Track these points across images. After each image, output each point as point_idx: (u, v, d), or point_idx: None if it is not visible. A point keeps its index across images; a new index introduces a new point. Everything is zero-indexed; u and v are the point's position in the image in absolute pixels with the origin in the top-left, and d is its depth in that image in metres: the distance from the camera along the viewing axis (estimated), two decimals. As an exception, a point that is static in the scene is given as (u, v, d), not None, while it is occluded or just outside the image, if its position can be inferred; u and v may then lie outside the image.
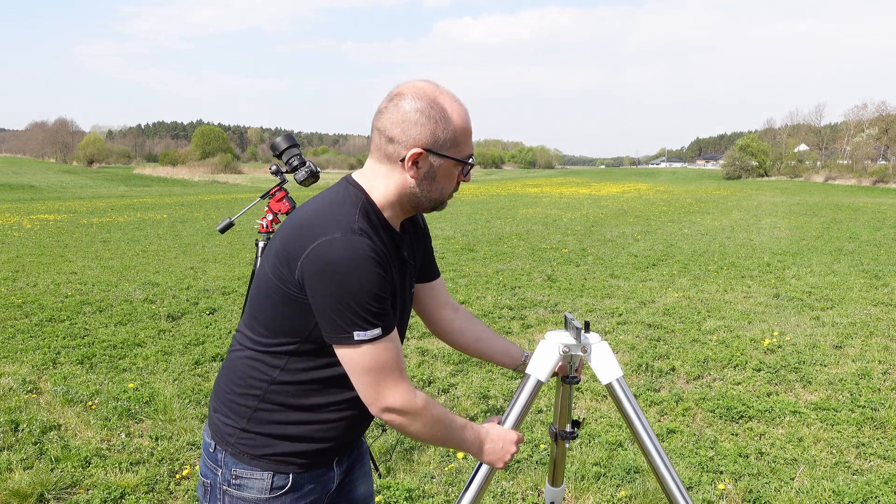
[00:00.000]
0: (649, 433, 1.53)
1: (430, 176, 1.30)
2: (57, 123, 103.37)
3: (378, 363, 1.24)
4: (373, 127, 1.31)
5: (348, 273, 1.19)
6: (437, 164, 1.29)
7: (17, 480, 2.99)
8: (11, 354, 4.95)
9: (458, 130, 1.28)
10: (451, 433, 1.36)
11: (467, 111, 1.31)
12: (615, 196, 29.31)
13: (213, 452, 1.39)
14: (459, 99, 1.31)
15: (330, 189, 1.35)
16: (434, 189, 1.32)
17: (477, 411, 3.94)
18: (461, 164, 1.32)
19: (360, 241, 1.21)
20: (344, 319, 1.21)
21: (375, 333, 1.22)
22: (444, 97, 1.28)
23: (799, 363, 4.80)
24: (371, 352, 1.23)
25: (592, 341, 1.55)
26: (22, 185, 38.80)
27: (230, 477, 1.37)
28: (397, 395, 1.27)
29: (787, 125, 77.95)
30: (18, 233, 13.40)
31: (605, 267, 9.12)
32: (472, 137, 1.34)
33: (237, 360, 1.38)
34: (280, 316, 1.29)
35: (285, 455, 1.36)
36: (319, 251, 1.20)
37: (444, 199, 1.36)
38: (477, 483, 1.51)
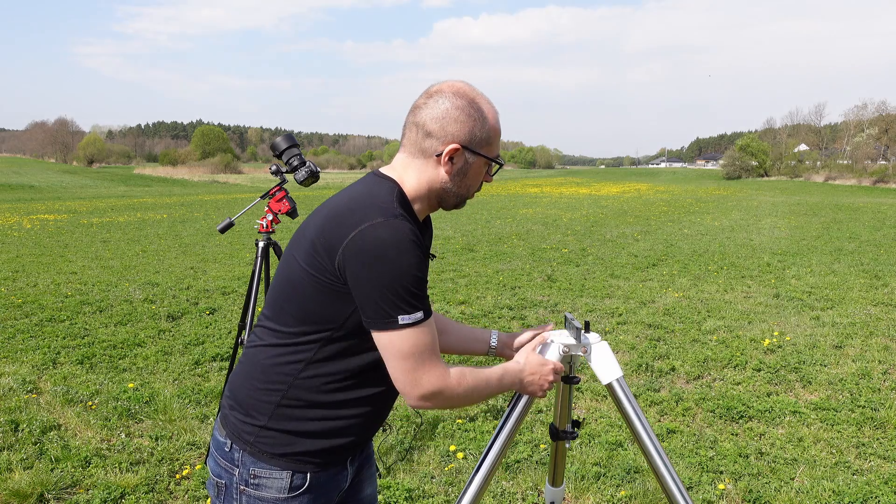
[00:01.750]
0: (649, 433, 1.53)
1: (462, 172, 1.35)
2: (57, 123, 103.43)
3: (419, 347, 1.26)
4: (408, 122, 1.34)
5: (394, 257, 1.21)
6: (471, 161, 1.34)
7: (17, 480, 2.99)
8: (11, 354, 4.95)
9: (492, 130, 1.34)
10: (489, 390, 1.39)
11: (498, 113, 1.37)
12: (615, 196, 29.31)
13: (228, 451, 1.38)
14: (492, 101, 1.36)
15: (358, 182, 1.37)
16: (463, 185, 1.37)
17: (477, 411, 3.94)
18: (490, 163, 1.37)
19: (403, 224, 1.23)
20: (389, 304, 1.22)
21: (419, 317, 1.24)
22: (480, 98, 1.33)
23: (799, 363, 4.80)
24: (413, 336, 1.24)
25: (592, 341, 1.55)
26: (22, 185, 38.80)
27: (248, 476, 1.36)
28: (434, 379, 1.28)
29: (787, 125, 77.98)
30: (18, 233, 13.40)
31: (605, 267, 9.12)
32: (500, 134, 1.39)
33: (259, 355, 1.38)
34: (314, 306, 1.29)
35: (304, 454, 1.36)
36: (364, 236, 1.21)
37: (469, 196, 1.40)
38: (477, 483, 1.51)
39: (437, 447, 3.44)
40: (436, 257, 1.45)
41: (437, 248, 10.87)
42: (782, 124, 79.41)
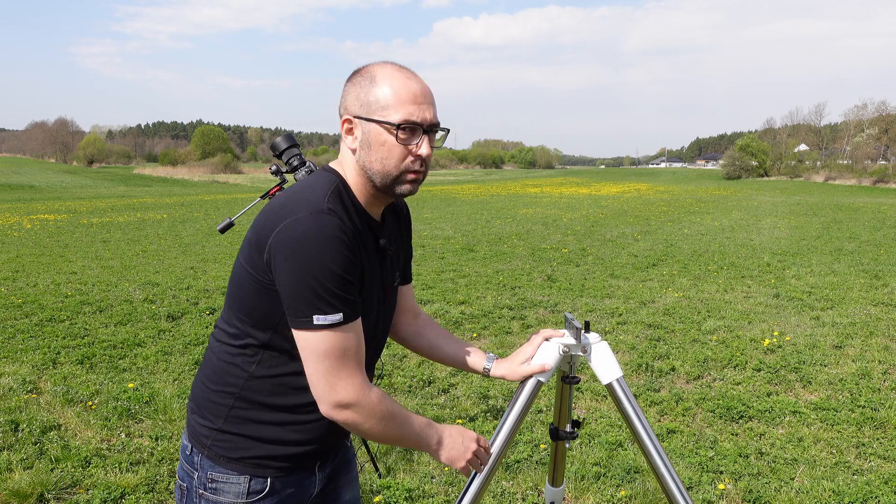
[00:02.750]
0: (649, 433, 1.53)
1: (365, 144, 1.25)
2: (57, 123, 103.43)
3: (335, 351, 1.19)
4: None
5: (313, 252, 1.15)
6: (368, 130, 1.24)
7: (17, 480, 2.99)
8: (11, 354, 4.95)
9: (385, 92, 1.23)
10: (408, 430, 1.30)
11: (410, 76, 1.25)
12: (615, 196, 29.32)
13: (189, 455, 1.36)
14: (407, 69, 1.26)
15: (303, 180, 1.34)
16: (374, 159, 1.25)
17: (477, 411, 3.94)
18: (394, 130, 1.22)
19: (328, 219, 1.18)
20: (305, 301, 1.16)
21: (336, 319, 1.17)
22: (382, 68, 1.26)
23: (799, 363, 4.80)
24: (329, 338, 1.18)
25: (592, 341, 1.55)
26: (22, 185, 38.81)
27: (206, 480, 1.33)
28: (350, 388, 1.21)
29: (787, 125, 77.93)
30: (18, 233, 13.40)
31: (605, 267, 9.12)
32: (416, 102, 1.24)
33: (213, 356, 1.35)
34: (253, 306, 1.26)
35: (263, 458, 1.31)
36: (286, 230, 1.17)
37: (390, 171, 1.25)
38: (477, 483, 1.51)
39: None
40: (390, 252, 1.39)
41: (437, 248, 10.88)
42: (782, 124, 79.44)
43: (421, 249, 10.85)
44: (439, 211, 19.69)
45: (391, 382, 4.40)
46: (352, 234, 1.21)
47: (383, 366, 4.71)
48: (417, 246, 11.24)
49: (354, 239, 1.21)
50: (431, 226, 14.93)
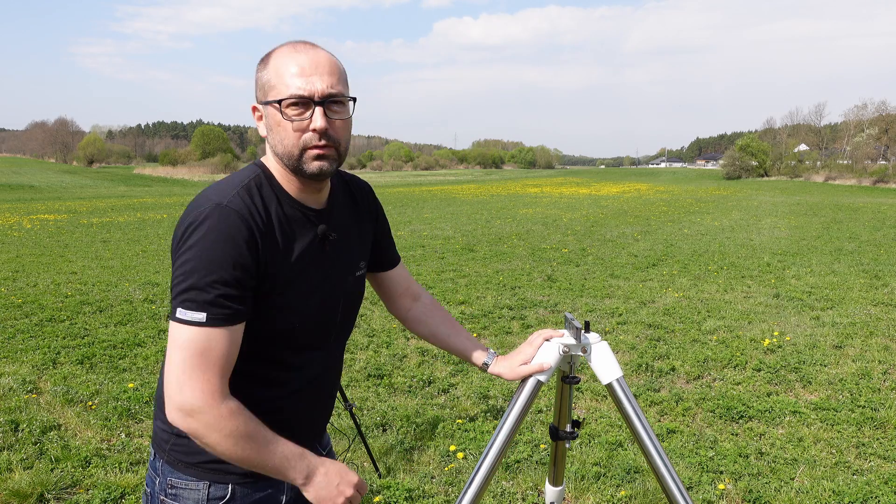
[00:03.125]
0: (649, 433, 1.53)
1: (269, 128, 1.22)
2: (57, 123, 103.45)
3: (193, 349, 1.11)
4: None
5: (196, 244, 1.12)
6: (267, 114, 1.21)
7: (17, 480, 2.99)
8: (11, 354, 4.95)
9: (271, 71, 1.19)
10: (266, 456, 1.16)
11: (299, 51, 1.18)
12: (615, 196, 29.32)
13: (153, 460, 1.33)
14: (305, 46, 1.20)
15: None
16: (276, 142, 1.21)
17: (477, 411, 3.94)
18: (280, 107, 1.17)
19: (225, 213, 1.14)
20: (176, 292, 1.12)
21: (196, 318, 1.11)
22: (277, 49, 1.21)
23: (799, 363, 4.80)
24: (188, 333, 1.11)
25: (592, 341, 1.55)
26: (22, 185, 38.82)
27: (166, 486, 1.28)
28: (197, 393, 1.11)
29: (787, 125, 77.93)
30: (18, 233, 13.40)
31: (605, 267, 9.12)
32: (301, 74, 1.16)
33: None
34: None
35: (222, 463, 1.22)
36: (185, 220, 1.15)
37: (291, 151, 1.19)
38: (477, 483, 1.51)
39: (437, 447, 3.44)
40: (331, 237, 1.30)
41: (437, 248, 10.88)
42: (782, 124, 79.43)
43: (421, 249, 10.85)
44: (439, 211, 19.69)
45: (391, 382, 4.40)
46: (256, 231, 1.16)
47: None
48: (417, 246, 11.24)
49: (258, 236, 1.16)
50: (431, 226, 14.93)
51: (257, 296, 1.19)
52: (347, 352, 5.07)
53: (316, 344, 1.33)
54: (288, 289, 1.23)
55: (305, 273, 1.26)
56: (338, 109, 1.20)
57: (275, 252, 1.20)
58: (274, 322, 1.23)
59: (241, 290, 1.14)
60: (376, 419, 3.78)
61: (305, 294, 1.26)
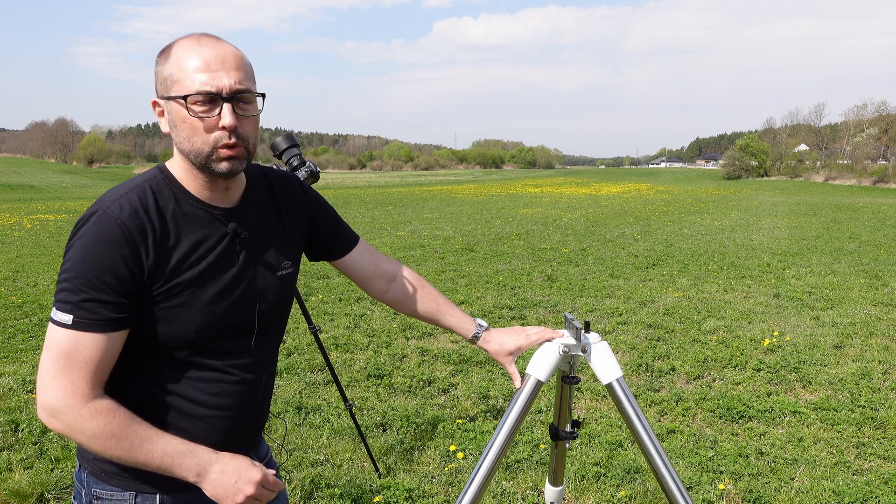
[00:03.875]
0: (649, 433, 1.53)
1: (172, 125, 1.16)
2: (57, 123, 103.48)
3: (60, 350, 1.10)
4: None
5: (76, 248, 1.11)
6: (170, 110, 1.15)
7: (17, 480, 2.99)
8: (11, 354, 4.95)
9: (176, 66, 1.12)
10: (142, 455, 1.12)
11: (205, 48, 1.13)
12: (615, 196, 29.32)
13: (78, 472, 1.28)
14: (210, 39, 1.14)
15: None
16: (181, 139, 1.15)
17: (477, 411, 3.94)
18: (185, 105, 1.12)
19: (105, 218, 1.11)
20: (56, 292, 1.12)
21: (64, 319, 1.09)
22: (179, 41, 1.15)
23: (799, 363, 4.80)
24: (58, 334, 1.10)
25: (592, 341, 1.55)
26: (22, 185, 38.82)
27: (91, 497, 1.24)
28: (59, 394, 1.09)
29: (787, 125, 77.94)
30: (18, 233, 13.40)
31: (605, 267, 9.12)
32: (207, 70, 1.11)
33: None
34: None
35: (147, 472, 1.17)
36: (75, 226, 1.15)
37: (200, 149, 1.14)
38: (477, 483, 1.51)
39: (437, 447, 3.44)
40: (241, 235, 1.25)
41: (437, 248, 10.88)
42: (782, 124, 79.44)
43: (421, 249, 10.85)
44: (439, 211, 19.68)
45: (391, 382, 4.40)
46: (140, 236, 1.12)
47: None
48: (417, 246, 11.24)
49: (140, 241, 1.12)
50: (431, 226, 14.93)
51: (147, 300, 1.15)
52: (347, 352, 5.07)
53: (233, 348, 1.26)
54: (186, 291, 1.17)
55: (209, 274, 1.20)
56: (245, 106, 1.16)
57: (167, 255, 1.15)
58: (174, 326, 1.17)
59: (114, 297, 1.10)
60: (376, 419, 3.78)
61: (210, 296, 1.20)
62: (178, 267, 1.16)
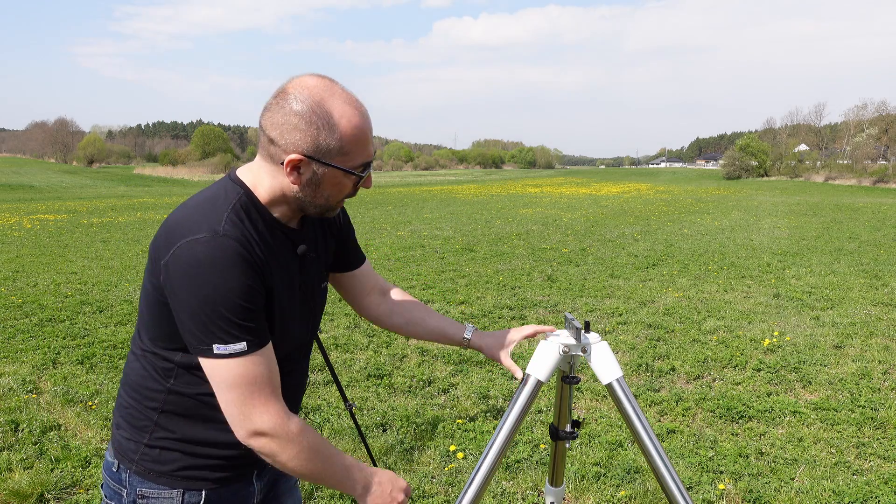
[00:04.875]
0: (649, 433, 1.53)
1: (313, 183, 1.19)
2: (57, 123, 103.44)
3: (244, 380, 1.13)
4: (259, 123, 1.21)
5: (208, 279, 1.09)
6: (322, 172, 1.18)
7: (17, 480, 2.99)
8: (11, 354, 4.95)
9: (345, 138, 1.16)
10: (331, 467, 1.22)
11: (363, 115, 1.19)
12: (615, 196, 29.31)
13: (116, 472, 1.30)
14: (356, 101, 1.19)
15: (209, 186, 1.25)
16: (319, 196, 1.21)
17: (477, 411, 3.94)
18: (350, 174, 1.20)
19: (226, 243, 1.11)
20: (202, 330, 1.10)
21: (239, 348, 1.11)
22: (333, 100, 1.16)
23: (799, 363, 4.80)
24: (235, 367, 1.12)
25: (592, 341, 1.55)
26: (22, 185, 38.81)
27: (136, 497, 1.27)
28: (266, 417, 1.14)
29: (787, 125, 77.93)
30: (18, 233, 13.40)
31: (605, 267, 9.12)
32: (370, 142, 1.21)
33: (132, 367, 1.30)
34: (157, 323, 1.21)
35: (194, 469, 1.26)
36: (178, 254, 1.11)
37: (331, 206, 1.25)
38: (477, 483, 1.51)
39: (437, 447, 3.44)
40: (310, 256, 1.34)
41: (436, 248, 10.88)
42: (782, 124, 79.42)
43: (421, 249, 10.85)
44: (439, 211, 19.68)
45: (391, 382, 4.40)
46: (256, 257, 1.15)
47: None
48: (417, 246, 11.24)
49: (259, 262, 1.15)
50: (431, 226, 14.93)
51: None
52: (347, 352, 5.07)
53: (295, 357, 1.36)
54: (279, 309, 1.23)
55: (290, 292, 1.27)
56: None
57: (269, 275, 1.19)
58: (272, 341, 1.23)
59: (261, 311, 1.16)
60: (376, 419, 3.78)
61: (292, 313, 1.28)
62: (275, 286, 1.22)
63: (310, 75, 1.18)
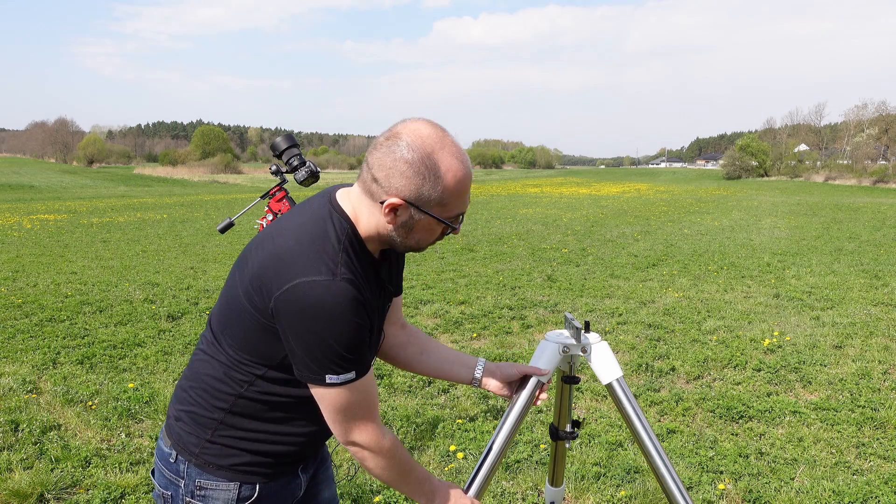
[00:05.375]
0: (649, 433, 1.53)
1: (407, 226, 1.24)
2: (57, 123, 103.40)
3: (350, 404, 1.24)
4: (365, 157, 1.24)
5: (326, 321, 1.16)
6: (418, 218, 1.23)
7: (17, 480, 2.99)
8: (11, 354, 4.95)
9: (447, 190, 1.20)
10: (408, 481, 1.36)
11: (467, 169, 1.22)
12: (615, 196, 29.31)
13: (173, 463, 1.35)
14: (462, 154, 1.22)
15: (313, 210, 1.28)
16: (411, 238, 1.27)
17: (477, 411, 3.94)
18: (444, 224, 1.25)
19: (344, 288, 1.17)
20: (317, 363, 1.19)
21: (349, 377, 1.21)
22: (442, 152, 1.19)
23: (799, 363, 4.80)
24: (343, 393, 1.22)
25: (592, 341, 1.55)
26: (22, 185, 38.80)
27: (194, 488, 1.33)
28: (365, 434, 1.27)
29: (787, 125, 77.90)
30: (18, 233, 13.40)
31: (605, 267, 9.12)
32: (467, 194, 1.26)
33: (202, 367, 1.34)
34: (254, 340, 1.25)
35: (252, 465, 1.33)
36: (297, 293, 1.16)
37: (419, 248, 1.31)
38: (478, 482, 1.51)
39: (437, 447, 3.44)
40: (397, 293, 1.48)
41: (436, 248, 10.87)
42: (782, 124, 79.39)
43: (421, 249, 10.84)
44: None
45: (391, 382, 4.40)
46: (365, 296, 1.21)
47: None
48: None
49: (366, 299, 1.21)
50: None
51: None
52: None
53: None
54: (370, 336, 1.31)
55: (374, 326, 1.32)
56: None
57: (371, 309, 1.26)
58: None
59: (366, 343, 1.25)
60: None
61: (376, 339, 1.36)
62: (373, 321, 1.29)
63: (424, 122, 1.21)
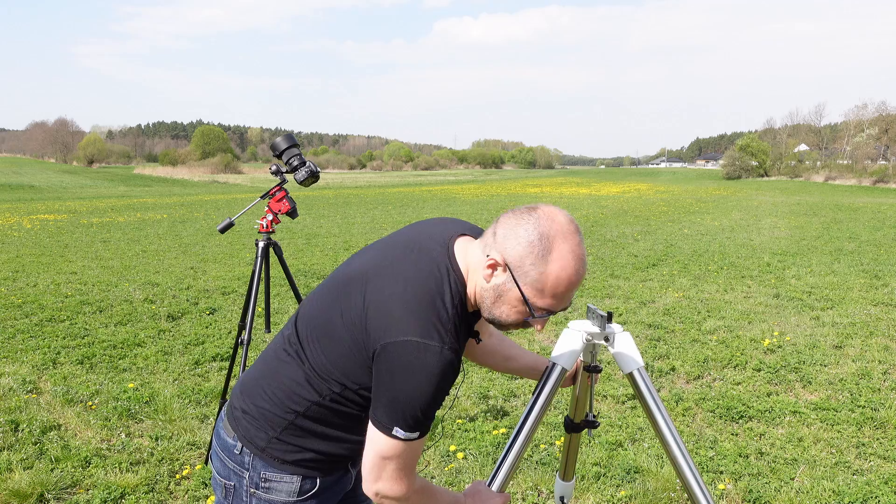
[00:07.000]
0: (669, 424, 1.54)
1: (497, 291, 1.26)
2: (57, 123, 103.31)
3: (398, 456, 1.27)
4: (504, 213, 1.30)
5: (422, 384, 1.21)
6: (509, 287, 1.25)
7: (17, 480, 2.99)
8: (11, 354, 4.95)
9: (548, 276, 1.21)
10: None
11: (577, 273, 1.23)
12: (615, 196, 29.31)
13: (238, 454, 1.41)
14: (580, 255, 1.23)
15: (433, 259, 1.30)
16: (496, 306, 1.28)
17: (477, 411, 3.94)
18: (527, 308, 1.25)
19: (449, 358, 1.21)
20: (394, 414, 1.23)
21: (413, 436, 1.25)
22: (563, 243, 1.21)
23: (799, 363, 4.80)
24: (399, 447, 1.26)
25: (616, 331, 1.56)
26: (22, 185, 38.80)
27: (259, 480, 1.40)
28: (397, 488, 1.29)
29: (787, 125, 77.84)
30: (18, 233, 13.40)
31: (605, 267, 9.12)
32: (565, 297, 1.25)
33: (282, 369, 1.39)
34: (344, 362, 1.31)
35: (314, 461, 1.40)
36: (407, 349, 1.20)
37: (501, 322, 1.30)
38: (509, 462, 1.53)
39: (437, 447, 3.44)
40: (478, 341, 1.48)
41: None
42: (782, 124, 79.33)
43: (421, 249, 10.83)
44: (439, 211, 19.69)
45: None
46: (459, 362, 1.25)
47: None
48: (417, 246, 11.23)
49: (459, 367, 1.25)
50: (431, 226, 14.91)
51: None
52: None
53: None
54: None
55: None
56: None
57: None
58: None
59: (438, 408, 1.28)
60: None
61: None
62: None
63: (563, 212, 1.26)
